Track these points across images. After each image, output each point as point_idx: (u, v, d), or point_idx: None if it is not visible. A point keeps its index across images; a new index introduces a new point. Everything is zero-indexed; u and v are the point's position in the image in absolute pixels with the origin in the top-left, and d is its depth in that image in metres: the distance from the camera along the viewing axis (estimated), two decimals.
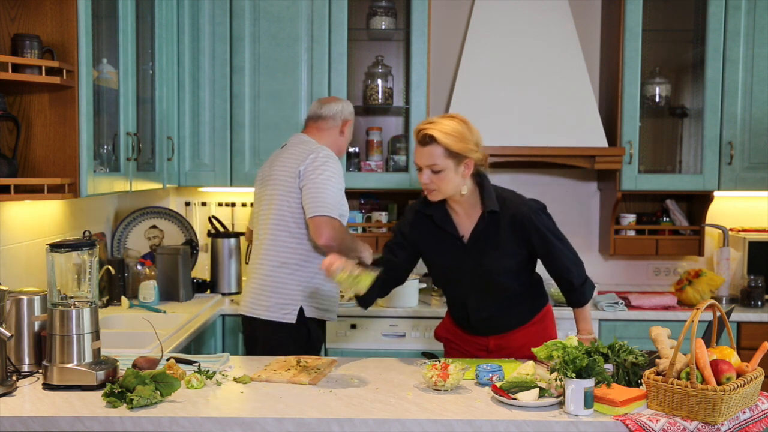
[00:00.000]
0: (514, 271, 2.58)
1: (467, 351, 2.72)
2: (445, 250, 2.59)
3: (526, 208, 2.52)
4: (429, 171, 2.44)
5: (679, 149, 4.09)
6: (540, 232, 2.51)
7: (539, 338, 2.64)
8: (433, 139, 2.41)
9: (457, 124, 2.45)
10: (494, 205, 2.50)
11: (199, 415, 2.00)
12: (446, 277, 2.67)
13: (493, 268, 2.54)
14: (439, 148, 2.41)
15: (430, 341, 3.60)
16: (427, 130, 2.42)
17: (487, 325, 2.65)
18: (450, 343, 2.78)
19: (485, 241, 2.53)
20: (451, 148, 2.41)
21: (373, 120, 4.17)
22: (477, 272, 2.56)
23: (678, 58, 4.12)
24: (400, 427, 1.99)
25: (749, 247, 3.87)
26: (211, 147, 3.82)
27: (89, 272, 2.32)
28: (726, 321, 2.13)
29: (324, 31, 3.77)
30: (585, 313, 2.65)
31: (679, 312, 3.66)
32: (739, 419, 2.00)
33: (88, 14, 2.68)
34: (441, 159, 2.42)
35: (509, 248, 2.53)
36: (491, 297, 2.60)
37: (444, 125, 2.43)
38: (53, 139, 2.66)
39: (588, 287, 2.63)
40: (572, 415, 2.00)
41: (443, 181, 2.45)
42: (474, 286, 2.59)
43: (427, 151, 2.43)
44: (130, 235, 3.86)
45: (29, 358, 2.34)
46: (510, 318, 2.65)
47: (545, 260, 2.58)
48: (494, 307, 2.62)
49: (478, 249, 2.54)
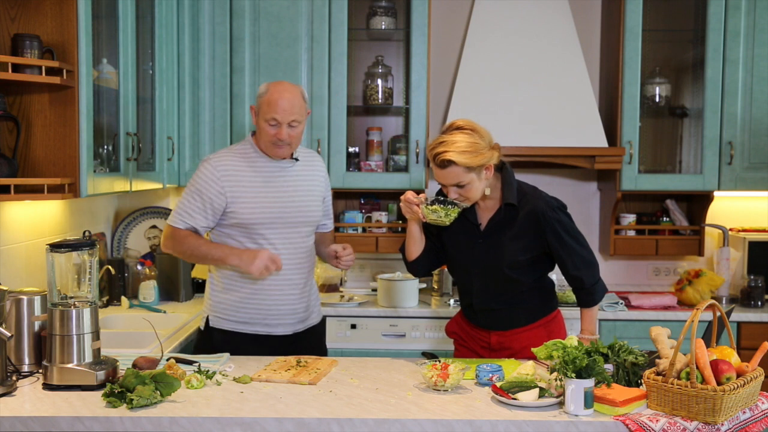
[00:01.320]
0: (524, 266, 2.60)
1: (471, 348, 2.74)
2: (461, 235, 2.64)
3: (543, 204, 2.56)
4: (455, 188, 2.51)
5: (679, 149, 4.09)
6: (554, 229, 2.55)
7: (543, 342, 2.66)
8: (452, 162, 2.45)
9: (467, 137, 2.48)
10: (513, 198, 2.56)
11: (199, 415, 2.00)
12: (458, 261, 2.70)
13: (502, 259, 2.57)
14: (458, 168, 2.46)
15: (430, 341, 3.61)
16: (445, 155, 2.45)
17: (490, 317, 2.66)
18: (458, 338, 2.81)
19: (500, 232, 2.58)
20: (470, 165, 2.46)
21: (373, 120, 4.17)
22: (486, 261, 2.60)
23: (678, 58, 4.12)
24: (400, 427, 1.99)
25: (749, 247, 3.87)
26: (211, 147, 3.82)
27: (89, 272, 2.32)
28: (726, 321, 2.13)
29: (324, 31, 3.77)
30: (591, 313, 2.67)
31: (679, 312, 3.66)
32: (739, 419, 2.00)
33: (88, 14, 2.68)
34: (463, 176, 2.48)
35: (522, 243, 2.57)
36: (497, 288, 2.62)
37: (457, 144, 2.45)
38: (53, 139, 2.66)
39: (599, 289, 2.65)
40: (572, 415, 2.00)
41: (470, 191, 2.52)
42: (481, 275, 2.62)
43: (448, 173, 2.48)
44: (130, 235, 3.86)
45: (29, 358, 2.33)
46: (513, 315, 2.66)
47: (557, 257, 2.61)
48: (499, 300, 2.64)
49: (492, 238, 2.60)
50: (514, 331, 2.66)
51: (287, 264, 2.71)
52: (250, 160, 2.73)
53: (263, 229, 2.69)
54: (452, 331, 2.85)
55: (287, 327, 2.78)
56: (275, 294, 2.74)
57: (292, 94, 2.66)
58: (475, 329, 2.73)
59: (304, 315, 2.83)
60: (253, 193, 2.68)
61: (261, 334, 2.75)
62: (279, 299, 2.75)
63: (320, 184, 2.87)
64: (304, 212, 2.76)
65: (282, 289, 2.74)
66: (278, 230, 2.72)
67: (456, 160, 2.44)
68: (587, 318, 2.66)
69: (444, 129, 2.56)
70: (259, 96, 2.69)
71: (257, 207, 2.68)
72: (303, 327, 2.83)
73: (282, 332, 2.77)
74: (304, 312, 2.82)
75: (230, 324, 2.75)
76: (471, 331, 2.74)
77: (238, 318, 2.75)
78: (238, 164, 2.71)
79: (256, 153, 2.74)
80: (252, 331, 2.75)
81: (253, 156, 2.73)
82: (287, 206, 2.72)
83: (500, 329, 2.67)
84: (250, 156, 2.73)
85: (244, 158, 2.73)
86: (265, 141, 2.68)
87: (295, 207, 2.74)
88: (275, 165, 2.74)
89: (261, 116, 2.66)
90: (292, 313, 2.78)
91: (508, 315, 2.66)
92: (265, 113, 2.64)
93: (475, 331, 2.72)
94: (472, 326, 2.74)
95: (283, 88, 2.66)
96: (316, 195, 2.83)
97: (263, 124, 2.65)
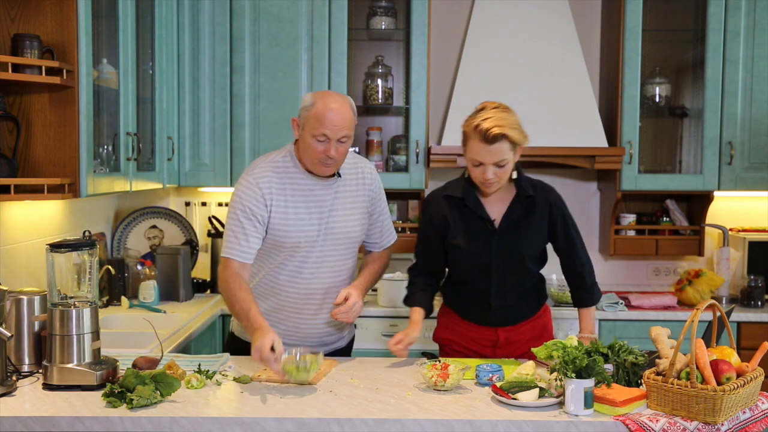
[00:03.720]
0: (537, 258, 2.63)
1: (471, 350, 2.69)
2: (474, 234, 2.59)
3: (556, 195, 2.61)
4: (494, 167, 2.46)
5: (679, 149, 4.09)
6: (564, 222, 2.59)
7: (542, 332, 2.70)
8: (505, 137, 2.42)
9: (510, 115, 2.48)
10: (530, 189, 2.56)
11: (199, 415, 2.00)
12: (471, 262, 2.60)
13: (522, 251, 2.57)
14: (506, 144, 2.43)
15: (430, 341, 3.60)
16: (497, 129, 2.40)
17: (504, 313, 2.64)
18: (451, 343, 2.74)
19: (517, 224, 2.57)
20: (516, 141, 2.45)
21: (373, 120, 4.17)
22: (505, 255, 2.57)
23: (678, 58, 4.12)
24: (400, 427, 1.99)
25: (749, 247, 3.87)
26: (211, 147, 3.82)
27: (89, 272, 2.32)
28: (726, 321, 2.13)
29: (324, 31, 3.77)
30: (591, 312, 2.68)
31: (679, 312, 3.66)
32: (739, 419, 2.00)
33: (88, 14, 2.68)
34: (507, 153, 2.45)
35: (537, 233, 2.59)
36: (514, 282, 2.61)
37: (506, 119, 2.44)
38: (53, 139, 2.66)
39: (597, 289, 2.69)
40: (572, 415, 2.00)
41: (505, 172, 2.49)
42: (501, 270, 2.59)
43: (496, 149, 2.43)
44: (130, 235, 3.86)
45: (29, 358, 2.33)
46: (523, 307, 2.66)
47: (564, 251, 2.63)
48: (514, 294, 2.63)
49: (509, 232, 2.57)
50: (520, 324, 2.67)
51: (317, 285, 2.56)
52: (290, 176, 2.52)
53: (299, 250, 2.52)
54: (444, 338, 2.77)
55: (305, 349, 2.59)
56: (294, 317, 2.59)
57: (342, 106, 2.44)
58: (480, 330, 2.67)
59: (330, 339, 2.68)
60: (291, 214, 2.50)
61: None
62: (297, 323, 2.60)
63: (364, 199, 2.63)
64: (342, 232, 2.56)
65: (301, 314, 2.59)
66: (313, 250, 2.52)
67: (509, 134, 2.41)
68: (587, 318, 2.67)
69: (479, 109, 2.52)
70: (304, 108, 2.46)
71: (292, 228, 2.49)
72: (326, 350, 2.63)
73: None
74: (329, 336, 2.67)
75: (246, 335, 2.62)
76: (473, 333, 2.68)
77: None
78: (279, 182, 2.50)
79: (296, 168, 2.52)
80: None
81: (292, 172, 2.52)
82: (323, 226, 2.53)
83: (509, 324, 2.66)
84: (290, 171, 2.52)
85: (285, 175, 2.52)
86: (311, 158, 2.46)
87: (332, 227, 2.54)
88: (316, 183, 2.53)
89: (307, 131, 2.43)
90: (317, 336, 2.63)
91: (518, 309, 2.66)
92: (313, 128, 2.41)
93: (480, 332, 2.68)
94: (476, 327, 2.68)
95: (333, 100, 2.43)
96: (358, 212, 2.61)
97: (310, 139, 2.42)
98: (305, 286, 2.56)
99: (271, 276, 2.58)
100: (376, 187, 2.68)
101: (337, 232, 2.55)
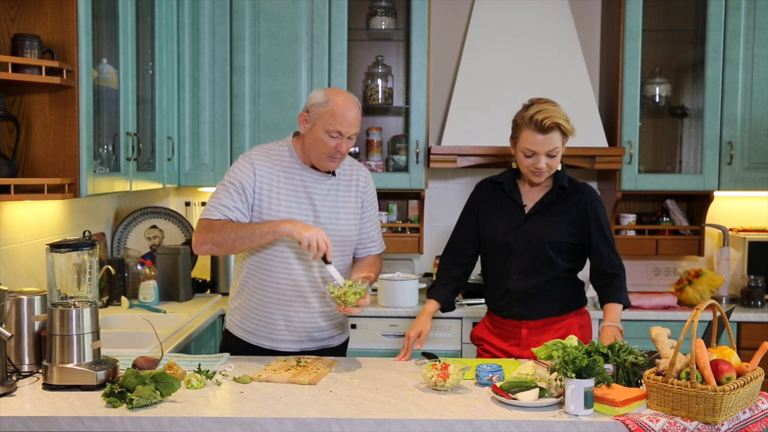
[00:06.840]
0: (564, 250, 2.65)
1: (497, 347, 2.72)
2: (504, 215, 2.69)
3: (591, 193, 2.66)
4: (546, 156, 2.56)
5: (679, 149, 4.09)
6: (599, 223, 2.64)
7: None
8: (559, 127, 2.53)
9: (558, 107, 2.60)
10: (566, 181, 2.65)
11: (199, 415, 2.00)
12: (496, 242, 2.69)
13: (546, 238, 2.62)
14: (558, 134, 2.55)
15: (431, 341, 3.61)
16: (553, 119, 2.52)
17: (525, 303, 2.66)
18: (482, 343, 2.80)
19: (546, 213, 2.65)
20: (567, 131, 2.56)
21: (373, 120, 4.17)
22: (528, 238, 2.63)
23: (678, 58, 4.13)
24: (400, 427, 1.99)
25: (749, 247, 3.87)
26: (211, 147, 3.83)
27: (89, 272, 2.32)
28: (726, 321, 2.13)
29: (324, 31, 3.77)
30: (618, 308, 2.64)
31: (679, 312, 3.67)
32: (739, 419, 2.00)
33: (88, 14, 2.68)
34: (559, 142, 2.57)
35: (566, 226, 2.64)
36: (534, 269, 2.64)
37: (558, 111, 2.57)
38: (53, 139, 2.66)
39: (627, 294, 2.69)
40: (572, 415, 2.00)
41: (556, 162, 2.61)
42: (521, 253, 2.64)
43: (549, 138, 2.54)
44: (130, 235, 3.86)
45: (29, 358, 2.33)
46: (546, 301, 2.66)
47: (596, 249, 2.65)
48: (535, 282, 2.64)
49: (537, 218, 2.65)
50: (545, 321, 2.67)
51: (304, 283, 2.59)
52: (284, 165, 2.58)
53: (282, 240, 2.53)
54: (477, 337, 2.83)
55: (292, 344, 2.65)
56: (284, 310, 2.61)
57: (354, 104, 2.52)
58: (506, 323, 2.71)
59: (320, 335, 2.68)
60: (279, 200, 2.55)
61: (265, 348, 2.65)
62: (288, 316, 2.62)
63: (355, 201, 2.67)
64: (332, 228, 2.57)
65: (292, 305, 2.61)
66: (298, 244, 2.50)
67: (562, 124, 2.53)
68: (612, 310, 2.63)
69: (529, 104, 2.62)
70: (316, 105, 2.50)
71: (283, 213, 2.54)
72: (315, 346, 2.68)
73: (286, 348, 2.65)
74: (318, 332, 2.67)
75: (239, 331, 2.71)
76: (501, 327, 2.72)
77: (246, 327, 2.69)
78: (272, 166, 2.57)
79: (293, 159, 2.59)
80: (256, 342, 2.67)
81: (287, 161, 2.59)
82: (313, 220, 2.56)
83: (533, 318, 2.67)
84: (285, 160, 2.59)
85: (279, 163, 2.58)
86: (320, 153, 2.51)
87: (323, 223, 2.56)
88: (309, 176, 2.59)
89: (320, 126, 2.48)
90: (305, 331, 2.64)
91: (539, 301, 2.66)
92: (328, 124, 2.46)
93: (506, 326, 2.71)
94: (502, 320, 2.71)
95: (347, 98, 2.51)
96: (348, 212, 2.64)
97: (322, 135, 2.48)
98: (294, 277, 2.59)
99: (260, 268, 2.61)
100: (369, 193, 2.74)
101: (328, 227, 2.58)
